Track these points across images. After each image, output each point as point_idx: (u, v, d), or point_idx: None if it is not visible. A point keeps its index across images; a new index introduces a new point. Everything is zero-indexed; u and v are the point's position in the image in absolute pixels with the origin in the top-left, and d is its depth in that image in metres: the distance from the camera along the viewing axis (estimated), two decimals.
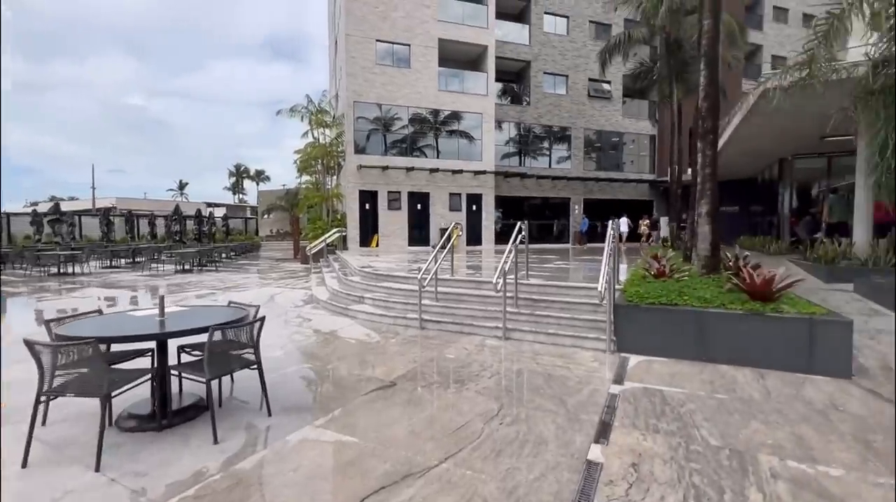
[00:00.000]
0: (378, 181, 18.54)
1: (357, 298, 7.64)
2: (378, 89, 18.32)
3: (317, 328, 6.38)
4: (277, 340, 5.68)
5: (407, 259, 12.83)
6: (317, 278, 11.49)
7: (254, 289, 10.67)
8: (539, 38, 22.19)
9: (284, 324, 6.70)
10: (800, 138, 11.17)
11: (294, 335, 5.97)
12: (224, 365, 3.15)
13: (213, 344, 2.98)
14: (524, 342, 5.52)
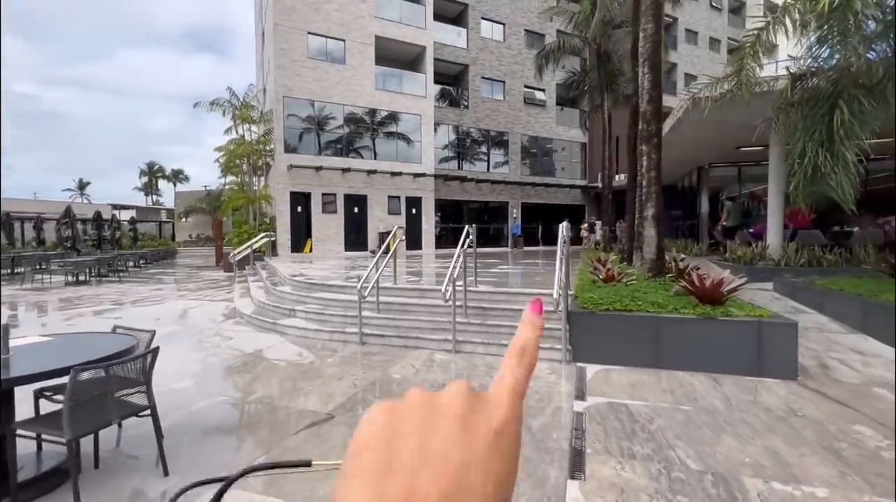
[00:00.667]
0: (311, 182, 17.40)
1: (287, 311, 6.81)
2: (311, 85, 17.22)
3: (238, 348, 5.50)
4: (188, 366, 4.77)
5: (343, 265, 12.01)
6: (241, 288, 10.32)
7: (164, 302, 9.30)
8: (477, 42, 22.28)
9: (198, 344, 5.73)
10: (718, 147, 12.01)
11: (209, 359, 5.07)
12: (97, 416, 2.36)
13: (79, 389, 2.20)
14: (476, 355, 5.11)
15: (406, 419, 0.22)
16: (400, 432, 0.21)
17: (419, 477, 0.19)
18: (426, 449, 0.20)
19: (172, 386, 4.16)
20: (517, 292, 6.10)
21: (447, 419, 0.21)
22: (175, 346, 5.63)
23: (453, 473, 0.19)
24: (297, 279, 8.15)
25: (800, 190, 6.47)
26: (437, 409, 0.22)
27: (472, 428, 0.21)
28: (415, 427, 0.21)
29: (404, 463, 0.20)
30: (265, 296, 8.13)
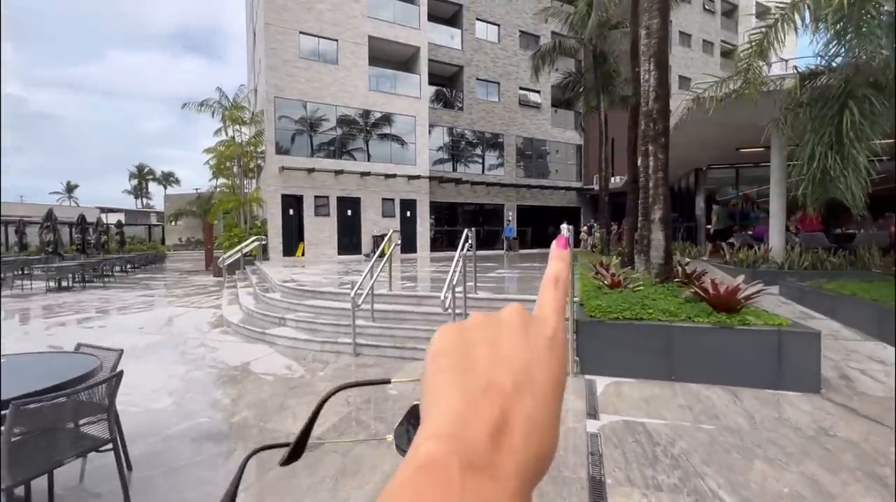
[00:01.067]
0: (303, 184, 17.03)
1: (277, 320, 6.47)
2: (303, 85, 16.89)
3: (223, 361, 5.16)
4: (169, 382, 4.42)
5: (336, 270, 11.67)
6: (230, 294, 9.94)
7: (149, 310, 8.90)
8: (472, 43, 22.08)
9: (181, 357, 5.37)
10: (718, 148, 11.85)
11: (192, 373, 4.72)
12: (45, 456, 2.03)
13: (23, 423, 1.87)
14: None
15: (474, 331, 0.25)
16: (471, 340, 0.24)
17: (493, 370, 0.22)
18: (496, 351, 0.24)
19: (150, 405, 3.82)
20: (521, 299, 5.81)
21: (510, 328, 0.25)
22: (156, 359, 5.28)
23: (520, 368, 0.23)
24: (287, 285, 7.81)
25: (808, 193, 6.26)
26: (500, 323, 0.26)
27: (530, 336, 0.25)
28: (483, 335, 0.25)
29: (479, 362, 0.23)
30: (254, 303, 7.78)
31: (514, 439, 0.20)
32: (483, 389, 0.22)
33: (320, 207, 17.47)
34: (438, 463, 0.19)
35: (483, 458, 0.19)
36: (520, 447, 0.20)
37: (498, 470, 0.19)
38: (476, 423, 0.20)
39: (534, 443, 0.21)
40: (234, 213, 19.00)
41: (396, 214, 18.92)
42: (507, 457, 0.20)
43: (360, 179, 18.00)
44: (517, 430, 0.21)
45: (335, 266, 13.32)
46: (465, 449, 0.19)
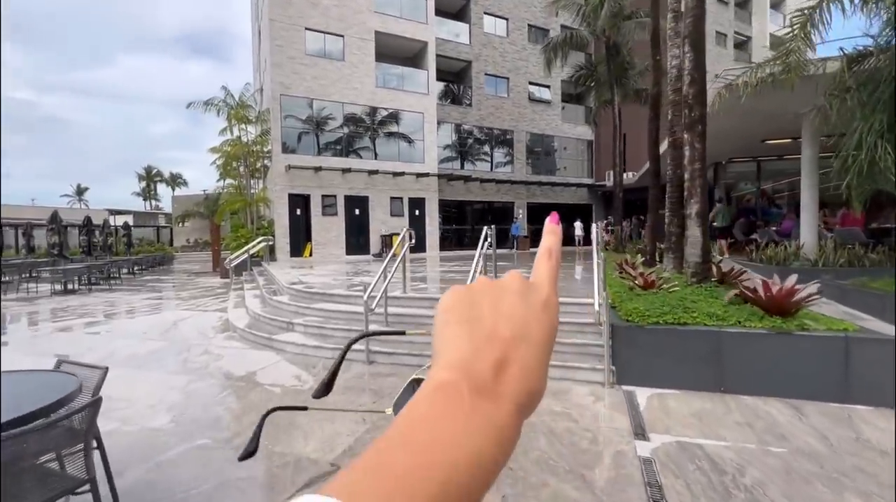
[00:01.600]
0: (310, 184, 16.72)
1: (285, 325, 6.11)
2: (309, 83, 16.57)
3: (228, 371, 4.81)
4: (167, 395, 4.07)
5: (345, 271, 11.32)
6: (236, 297, 9.63)
7: (153, 313, 8.60)
8: (480, 38, 21.63)
9: (183, 366, 5.03)
10: (742, 140, 11.30)
11: (194, 385, 4.37)
12: None
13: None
14: None
15: (480, 292, 0.28)
16: (477, 298, 0.28)
17: (497, 322, 0.26)
18: (499, 307, 0.27)
19: (146, 423, 3.47)
20: None
21: (510, 290, 0.28)
22: (157, 368, 4.94)
23: (520, 322, 0.26)
24: (295, 287, 7.46)
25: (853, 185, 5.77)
26: (502, 286, 0.29)
27: (528, 297, 0.28)
28: (487, 294, 0.28)
29: (484, 314, 0.27)
30: (261, 306, 7.44)
31: (511, 375, 0.24)
32: (487, 336, 0.25)
33: (328, 207, 17.15)
34: (451, 385, 0.23)
35: (487, 385, 0.23)
36: (516, 381, 0.24)
37: (498, 396, 0.23)
38: (481, 360, 0.24)
39: (526, 381, 0.24)
40: (240, 214, 18.77)
41: (405, 213, 18.56)
42: (505, 388, 0.24)
43: (367, 178, 17.66)
44: (514, 369, 0.24)
45: (343, 266, 12.98)
46: (472, 377, 0.23)
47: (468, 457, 0.21)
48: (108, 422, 3.43)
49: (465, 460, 0.21)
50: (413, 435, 0.21)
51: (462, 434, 0.21)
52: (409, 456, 0.20)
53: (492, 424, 0.22)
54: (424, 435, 0.21)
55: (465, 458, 0.21)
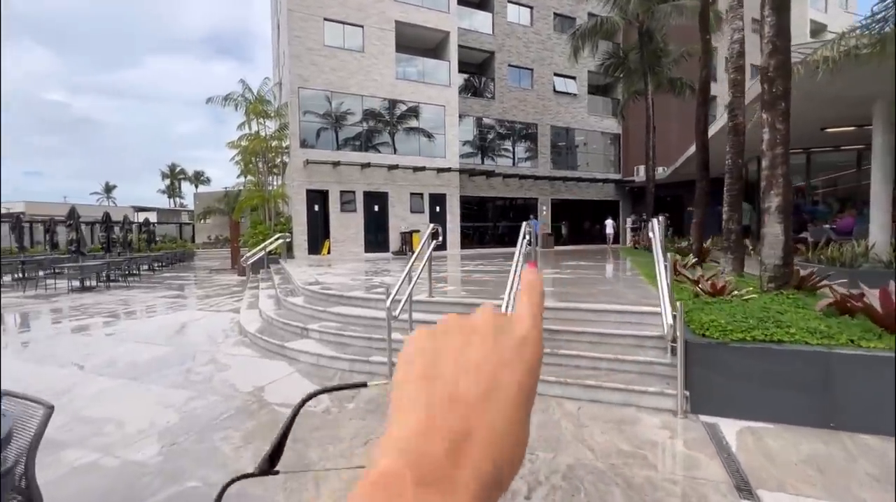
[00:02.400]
0: (328, 179, 16.26)
1: (299, 330, 5.55)
2: (327, 75, 16.08)
3: (233, 385, 4.25)
4: (162, 416, 3.52)
5: (364, 270, 10.77)
6: (251, 296, 9.17)
7: (164, 313, 8.19)
8: (503, 27, 20.80)
9: (185, 378, 4.50)
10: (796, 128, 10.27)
11: (193, 403, 3.82)
12: None
13: None
14: (549, 398, 3.72)
15: (445, 337, 0.25)
16: (441, 347, 0.24)
17: (459, 380, 0.23)
18: (463, 359, 0.23)
19: (131, 455, 2.92)
20: (594, 309, 4.67)
21: (479, 334, 0.25)
22: (156, 379, 4.42)
23: (487, 376, 0.23)
24: (311, 288, 6.90)
25: None
26: (470, 327, 0.25)
27: (499, 340, 0.24)
28: (453, 342, 0.24)
29: (447, 370, 0.23)
30: (274, 308, 6.91)
31: (473, 452, 0.20)
32: (448, 400, 0.22)
33: (346, 203, 16.67)
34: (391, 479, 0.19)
35: (438, 472, 0.20)
36: (479, 459, 0.20)
37: (452, 484, 0.20)
38: (436, 438, 0.21)
39: (494, 454, 0.21)
40: (259, 211, 18.47)
41: (426, 210, 17.95)
42: (463, 472, 0.20)
43: (387, 173, 17.10)
44: (478, 443, 0.21)
45: (362, 265, 12.44)
46: (419, 464, 0.20)
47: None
48: (87, 453, 2.90)
49: None
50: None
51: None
52: None
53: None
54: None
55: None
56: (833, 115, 9.21)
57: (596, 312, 4.66)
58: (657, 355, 3.90)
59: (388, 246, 17.31)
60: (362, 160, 16.50)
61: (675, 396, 3.43)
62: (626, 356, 3.93)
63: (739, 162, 6.10)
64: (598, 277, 7.70)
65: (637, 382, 3.67)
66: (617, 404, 3.61)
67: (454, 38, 18.23)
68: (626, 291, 5.77)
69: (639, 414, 3.44)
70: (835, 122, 9.49)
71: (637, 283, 6.51)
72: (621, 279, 7.19)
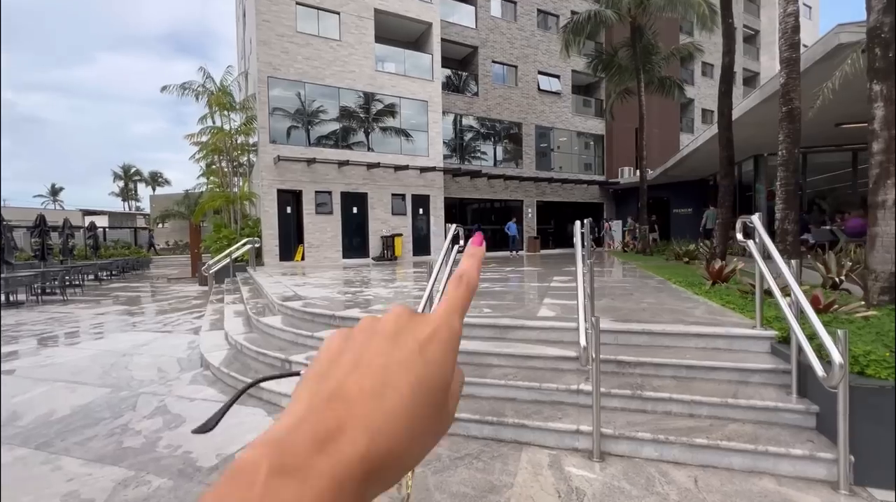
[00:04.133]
0: (302, 178, 14.83)
1: (279, 363, 4.29)
2: (300, 64, 14.69)
3: (190, 453, 2.97)
4: None
5: (348, 279, 9.49)
6: (214, 312, 7.73)
7: (103, 337, 6.67)
8: (487, 22, 19.95)
9: (119, 441, 3.17)
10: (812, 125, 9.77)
11: (123, 494, 2.53)
12: None
13: None
14: (650, 467, 2.66)
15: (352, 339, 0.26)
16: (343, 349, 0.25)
17: (347, 378, 0.23)
18: (357, 359, 0.24)
19: None
20: (666, 332, 3.66)
21: (380, 335, 0.25)
22: (73, 448, 3.08)
23: (375, 373, 0.23)
24: (290, 306, 5.62)
25: None
26: (374, 329, 0.26)
27: (398, 341, 0.25)
28: (355, 344, 0.25)
29: (338, 369, 0.24)
30: (244, 330, 5.58)
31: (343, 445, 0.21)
32: (329, 396, 0.22)
33: (322, 204, 15.28)
34: (245, 468, 0.19)
35: (298, 461, 0.20)
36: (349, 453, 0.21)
37: (312, 471, 0.20)
38: (305, 429, 0.21)
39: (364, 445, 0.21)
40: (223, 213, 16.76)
41: (408, 212, 16.77)
42: (327, 460, 0.20)
43: (366, 172, 15.82)
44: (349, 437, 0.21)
45: (343, 273, 11.13)
46: (279, 453, 0.20)
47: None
48: None
49: None
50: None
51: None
52: None
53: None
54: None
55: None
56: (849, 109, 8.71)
57: (670, 335, 3.65)
58: (777, 397, 2.92)
59: (368, 251, 16.02)
60: (339, 157, 15.16)
61: (832, 462, 2.44)
62: (732, 399, 2.93)
63: (796, 152, 5.31)
64: (625, 286, 6.77)
65: (764, 438, 2.67)
66: (741, 471, 2.59)
67: (437, 31, 17.20)
68: (679, 305, 4.82)
69: (781, 489, 2.43)
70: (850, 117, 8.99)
71: (679, 294, 5.60)
72: (653, 287, 6.28)
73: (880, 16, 3.51)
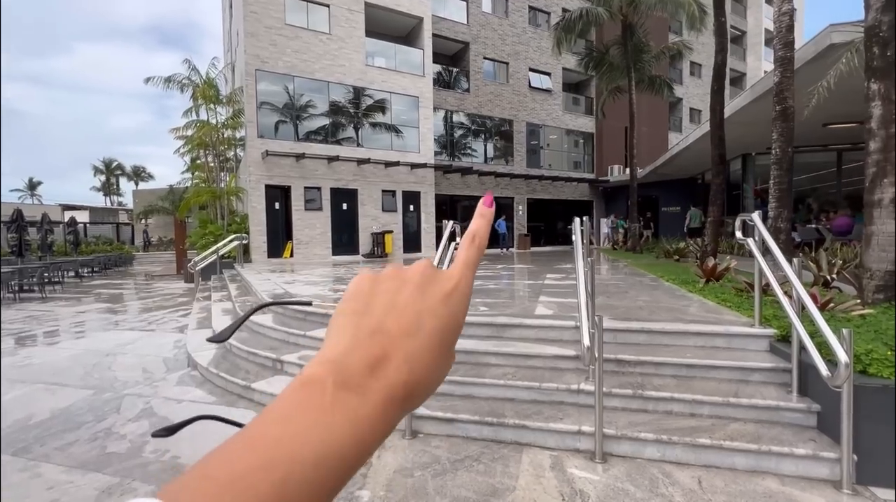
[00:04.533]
0: (291, 174, 14.59)
1: (270, 363, 4.17)
2: (289, 57, 14.42)
3: (178, 458, 2.85)
4: None
5: (338, 276, 9.35)
6: (201, 310, 7.55)
7: (85, 336, 6.45)
8: (478, 17, 19.83)
9: (102, 446, 3.04)
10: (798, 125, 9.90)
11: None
12: None
13: None
14: (652, 467, 2.63)
15: (382, 283, 0.28)
16: (376, 290, 0.28)
17: (386, 317, 0.26)
18: (393, 301, 0.27)
19: None
20: (665, 330, 3.64)
21: (410, 284, 0.28)
22: (53, 453, 2.94)
23: (410, 317, 0.27)
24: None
25: None
26: (404, 276, 0.29)
27: (427, 291, 0.28)
28: (387, 288, 0.28)
29: (376, 309, 0.27)
30: None
31: (388, 371, 0.24)
32: (371, 332, 0.26)
33: (311, 200, 15.06)
34: (316, 381, 0.23)
35: (355, 379, 0.23)
36: (393, 377, 0.24)
37: (366, 389, 0.23)
38: (357, 355, 0.24)
39: (406, 376, 0.25)
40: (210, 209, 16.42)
41: (399, 209, 16.63)
42: (377, 382, 0.24)
43: (356, 168, 15.63)
44: (393, 365, 0.25)
45: (333, 270, 10.98)
46: (341, 372, 0.23)
47: (315, 453, 0.20)
48: None
49: (312, 456, 0.20)
50: (261, 432, 0.21)
51: (313, 429, 0.21)
52: (251, 455, 0.20)
53: (352, 418, 0.22)
54: (273, 431, 0.21)
55: (312, 454, 0.20)
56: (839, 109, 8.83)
57: (669, 334, 3.63)
58: (778, 396, 2.90)
59: (358, 248, 15.85)
60: (329, 153, 14.95)
61: (835, 461, 2.43)
62: (734, 398, 2.91)
63: (790, 151, 5.34)
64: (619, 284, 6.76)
65: (766, 438, 2.65)
66: (745, 471, 2.57)
67: (428, 25, 17.04)
68: (675, 303, 4.82)
69: (785, 489, 2.41)
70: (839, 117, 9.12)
71: (674, 292, 5.61)
72: (647, 285, 6.28)
73: (879, 14, 3.51)
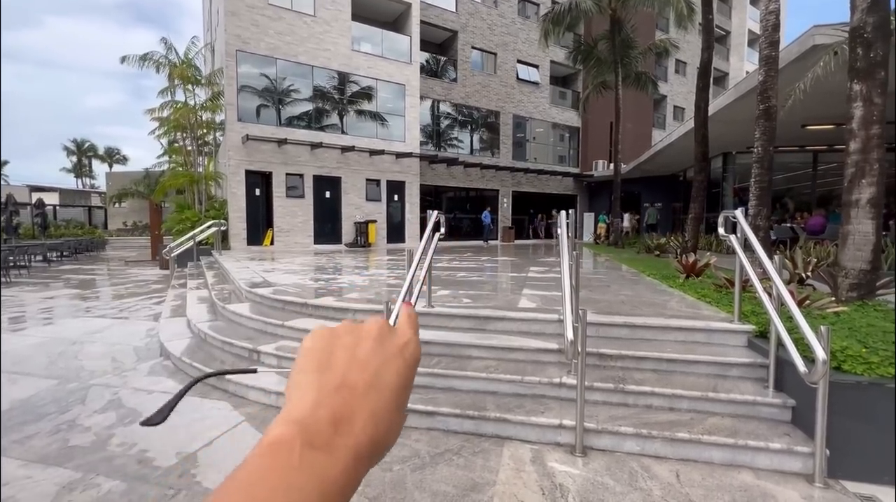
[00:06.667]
0: (272, 159, 14.23)
1: (246, 353, 4.05)
2: (272, 38, 13.98)
3: (146, 451, 2.74)
4: None
5: (320, 265, 9.19)
6: (176, 298, 7.32)
7: (51, 323, 6.19)
8: (467, 6, 19.57)
9: (65, 439, 2.90)
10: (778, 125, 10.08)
11: (69, 498, 2.29)
12: None
13: None
14: (632, 461, 2.64)
15: (340, 338, 0.29)
16: (335, 345, 0.29)
17: (349, 372, 0.27)
18: (354, 355, 0.28)
19: None
20: (647, 325, 3.66)
21: (369, 338, 0.30)
22: (12, 446, 2.79)
23: (372, 370, 0.28)
24: (259, 292, 5.34)
25: None
26: (361, 331, 0.30)
27: (384, 343, 0.29)
28: (346, 343, 0.29)
29: (338, 364, 0.28)
30: (209, 317, 5.27)
31: (354, 428, 0.25)
32: (336, 387, 0.26)
33: (293, 187, 14.74)
34: (283, 442, 0.23)
35: (323, 439, 0.24)
36: (361, 431, 0.25)
37: (333, 448, 0.24)
38: (322, 412, 0.25)
39: (372, 431, 0.25)
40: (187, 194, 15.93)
41: (383, 198, 16.44)
42: (344, 440, 0.24)
43: (340, 155, 15.35)
44: (358, 420, 0.25)
45: (315, 259, 10.80)
46: (308, 432, 0.24)
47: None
48: None
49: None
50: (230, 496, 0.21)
51: (282, 490, 0.21)
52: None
53: (321, 478, 0.22)
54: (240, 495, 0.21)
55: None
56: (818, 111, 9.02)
57: (651, 329, 3.65)
58: (755, 391, 2.95)
59: (341, 237, 15.64)
60: (312, 139, 14.62)
61: (808, 456, 2.48)
62: (713, 393, 2.94)
63: (771, 149, 5.41)
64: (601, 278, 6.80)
65: (743, 432, 2.68)
66: (721, 465, 2.60)
67: (416, 12, 16.73)
68: (656, 297, 4.86)
69: (759, 483, 2.45)
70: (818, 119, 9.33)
71: (655, 286, 5.66)
72: (629, 280, 6.34)
73: (864, 15, 3.55)
